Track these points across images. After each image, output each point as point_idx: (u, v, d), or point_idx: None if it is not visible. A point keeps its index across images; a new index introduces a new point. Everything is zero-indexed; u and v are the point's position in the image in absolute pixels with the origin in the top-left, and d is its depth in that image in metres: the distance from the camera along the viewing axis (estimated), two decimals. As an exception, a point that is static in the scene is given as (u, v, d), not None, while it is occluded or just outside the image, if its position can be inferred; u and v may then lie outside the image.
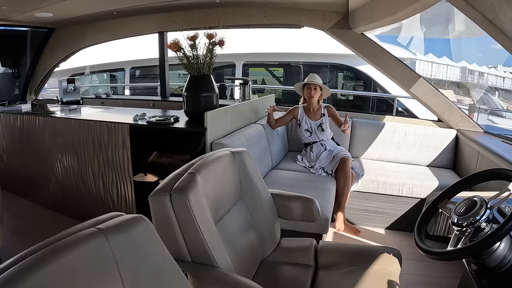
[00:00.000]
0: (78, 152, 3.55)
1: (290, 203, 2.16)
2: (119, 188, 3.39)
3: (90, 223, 1.09)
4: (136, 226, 1.13)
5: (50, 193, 3.96)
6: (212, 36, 3.10)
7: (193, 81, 3.22)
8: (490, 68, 13.11)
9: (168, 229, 1.49)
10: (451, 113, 4.11)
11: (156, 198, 1.51)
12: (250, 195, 2.04)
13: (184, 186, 1.52)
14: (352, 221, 3.70)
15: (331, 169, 3.60)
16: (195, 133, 2.96)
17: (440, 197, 1.67)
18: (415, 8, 2.75)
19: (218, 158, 1.87)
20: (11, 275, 0.86)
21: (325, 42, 6.43)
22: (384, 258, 1.94)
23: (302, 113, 3.90)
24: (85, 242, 1.00)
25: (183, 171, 1.66)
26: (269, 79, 9.98)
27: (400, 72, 4.14)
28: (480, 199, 1.42)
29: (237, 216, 1.92)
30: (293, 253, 2.10)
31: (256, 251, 1.99)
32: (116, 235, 1.06)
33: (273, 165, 3.83)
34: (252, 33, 7.84)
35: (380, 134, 4.26)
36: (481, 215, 1.36)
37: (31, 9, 4.34)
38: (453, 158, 4.10)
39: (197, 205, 1.50)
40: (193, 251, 1.51)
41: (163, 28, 5.33)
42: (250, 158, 2.11)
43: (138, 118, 3.31)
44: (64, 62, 6.15)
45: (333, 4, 4.02)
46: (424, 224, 1.64)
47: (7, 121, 4.20)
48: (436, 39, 11.35)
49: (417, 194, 3.51)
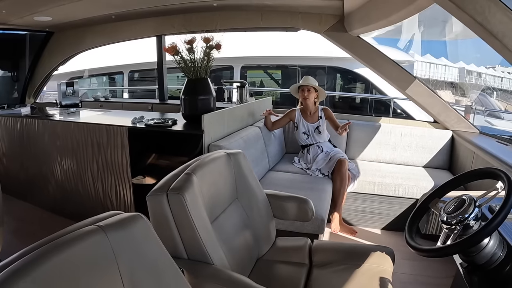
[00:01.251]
0: (78, 154, 3.58)
1: (284, 203, 2.21)
2: (118, 190, 3.42)
3: (90, 220, 1.13)
4: (135, 223, 1.17)
5: (50, 196, 3.98)
6: (209, 40, 3.14)
7: (190, 84, 3.27)
8: (488, 69, 13.13)
9: (165, 227, 1.53)
10: (447, 114, 4.15)
11: (154, 197, 1.56)
12: (246, 195, 2.08)
13: (181, 186, 1.56)
14: (348, 221, 3.73)
15: (327, 170, 3.63)
16: (193, 135, 3.00)
17: (431, 196, 1.71)
18: (408, 11, 2.80)
19: (214, 160, 1.92)
20: (14, 269, 0.89)
21: (322, 45, 6.46)
22: (377, 256, 1.98)
23: (300, 115, 3.94)
24: (86, 238, 1.04)
25: (180, 172, 1.70)
26: (267, 81, 10.01)
27: (396, 74, 4.19)
28: (469, 197, 1.46)
29: (232, 215, 1.96)
30: (288, 252, 2.14)
31: (252, 249, 2.03)
32: (115, 232, 1.10)
33: (270, 166, 3.87)
34: (250, 36, 7.86)
35: (376, 135, 4.30)
36: (470, 213, 1.40)
37: (30, 13, 4.38)
38: (449, 159, 4.14)
39: (193, 205, 1.54)
40: (189, 248, 1.56)
41: (161, 32, 5.37)
42: (246, 159, 2.15)
43: (136, 121, 3.35)
44: (63, 65, 6.18)
45: (329, 7, 4.06)
46: (414, 223, 1.68)
47: (6, 124, 4.23)
48: (433, 41, 11.41)
49: (413, 195, 3.54)
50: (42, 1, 3.90)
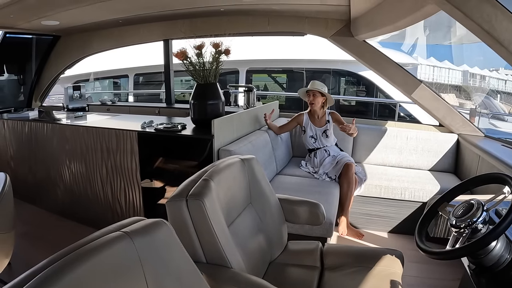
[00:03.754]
0: (86, 158, 3.61)
1: (296, 208, 2.25)
2: (127, 194, 3.45)
3: (115, 227, 1.15)
4: (159, 229, 1.19)
5: (58, 199, 4.01)
6: (218, 45, 3.17)
7: (199, 89, 3.30)
8: (491, 71, 13.12)
9: (185, 232, 1.56)
10: (452, 117, 4.17)
11: (173, 203, 1.59)
12: (259, 200, 2.12)
13: (200, 192, 1.60)
14: (355, 225, 3.75)
15: (334, 174, 3.66)
16: (202, 140, 3.03)
17: (440, 201, 1.76)
18: (415, 17, 2.83)
19: (229, 165, 1.95)
20: (43, 278, 0.90)
21: (328, 48, 6.48)
22: (387, 259, 2.01)
23: (307, 119, 3.97)
24: (112, 245, 1.05)
25: (197, 178, 1.74)
26: (272, 85, 10.01)
27: (402, 77, 4.21)
28: (477, 202, 1.50)
29: (247, 220, 2.00)
30: (300, 255, 2.18)
31: (265, 253, 2.06)
32: (141, 238, 1.12)
33: (278, 170, 3.90)
34: (256, 40, 7.87)
35: (382, 139, 4.32)
36: (478, 217, 1.44)
37: (38, 17, 4.41)
38: (454, 162, 4.16)
39: (211, 210, 1.58)
40: (208, 252, 1.59)
41: (168, 36, 5.40)
42: (259, 165, 2.19)
43: (146, 126, 3.38)
44: (69, 69, 6.22)
45: (336, 12, 4.09)
46: (424, 226, 1.72)
47: (14, 127, 4.26)
48: (435, 45, 11.42)
49: (419, 198, 3.56)
50: (50, 6, 3.93)
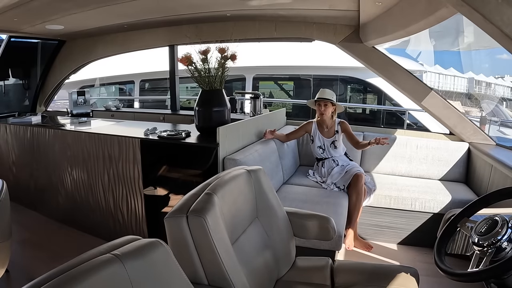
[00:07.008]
0: (88, 165, 3.55)
1: (305, 222, 2.14)
2: (129, 202, 3.36)
3: (105, 248, 1.07)
4: (154, 250, 1.11)
5: (60, 206, 3.95)
6: (224, 51, 3.09)
7: (205, 95, 3.22)
8: (497, 78, 13.08)
9: (184, 251, 1.46)
10: (463, 126, 4.06)
11: (173, 219, 1.48)
12: (266, 214, 2.01)
13: (202, 208, 1.49)
14: (364, 236, 3.65)
15: (343, 184, 3.55)
16: (207, 148, 2.94)
17: (459, 216, 1.67)
18: (428, 22, 2.72)
19: (234, 177, 1.85)
20: None
21: (335, 55, 6.42)
22: (401, 278, 1.91)
23: (316, 129, 3.85)
24: (101, 269, 0.97)
25: (200, 191, 1.64)
26: (277, 92, 9.94)
27: (412, 85, 4.11)
28: (501, 218, 1.42)
29: (253, 236, 1.89)
30: (308, 272, 2.07)
31: (272, 271, 1.95)
32: (133, 261, 1.03)
33: (285, 180, 3.80)
34: (263, 46, 7.84)
35: (391, 148, 4.21)
36: (503, 234, 1.37)
37: (42, 21, 4.38)
38: (465, 172, 4.05)
39: (214, 227, 1.47)
40: (210, 273, 1.48)
41: (173, 42, 5.35)
42: (266, 176, 2.09)
43: (149, 133, 3.30)
44: (74, 74, 6.18)
45: (344, 17, 4.00)
46: (443, 244, 1.64)
47: (17, 132, 4.22)
48: (443, 51, 11.36)
49: (430, 209, 3.46)
50: (54, 10, 3.88)
